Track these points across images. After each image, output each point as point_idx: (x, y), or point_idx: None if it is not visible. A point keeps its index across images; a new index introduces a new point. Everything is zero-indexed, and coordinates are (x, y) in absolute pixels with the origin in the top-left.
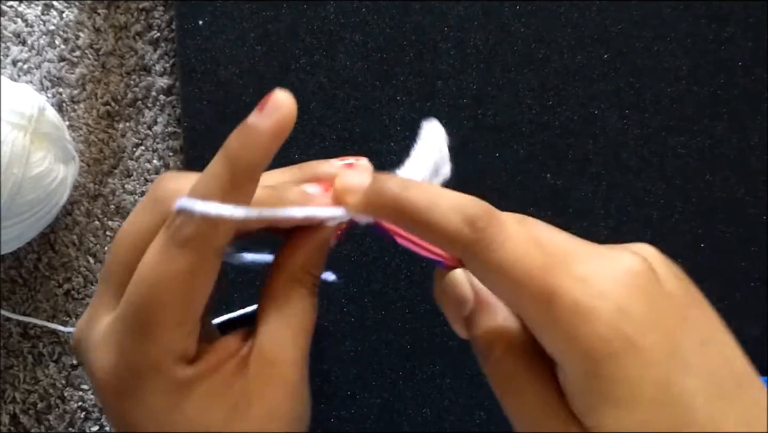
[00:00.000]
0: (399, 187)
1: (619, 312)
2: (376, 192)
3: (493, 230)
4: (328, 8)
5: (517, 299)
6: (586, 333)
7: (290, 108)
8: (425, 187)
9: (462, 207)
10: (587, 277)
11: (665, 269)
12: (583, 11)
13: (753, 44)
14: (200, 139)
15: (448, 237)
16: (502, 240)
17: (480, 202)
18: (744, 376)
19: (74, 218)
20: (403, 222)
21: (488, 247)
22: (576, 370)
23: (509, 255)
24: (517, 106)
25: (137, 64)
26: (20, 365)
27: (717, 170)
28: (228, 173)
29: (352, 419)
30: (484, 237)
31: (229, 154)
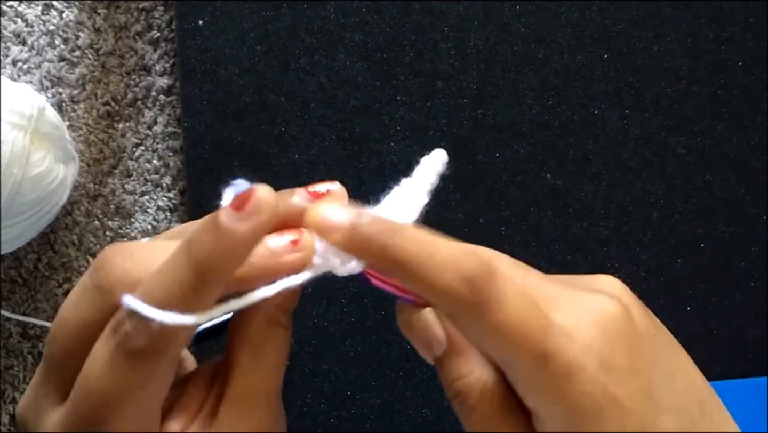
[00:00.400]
0: (388, 231)
1: (603, 367)
2: (362, 237)
3: (491, 290)
4: (328, 8)
5: (511, 359)
6: (574, 392)
7: (272, 210)
8: (416, 234)
9: (459, 263)
10: (571, 329)
11: (636, 307)
12: (583, 11)
13: (753, 44)
14: (200, 139)
15: (442, 295)
16: (500, 300)
17: (478, 257)
18: (705, 397)
19: (74, 218)
20: (391, 272)
21: (487, 309)
22: (559, 425)
23: (508, 318)
24: (517, 106)
25: (137, 64)
26: (20, 365)
27: (717, 170)
28: (193, 279)
29: (352, 419)
30: (482, 299)
31: (195, 257)
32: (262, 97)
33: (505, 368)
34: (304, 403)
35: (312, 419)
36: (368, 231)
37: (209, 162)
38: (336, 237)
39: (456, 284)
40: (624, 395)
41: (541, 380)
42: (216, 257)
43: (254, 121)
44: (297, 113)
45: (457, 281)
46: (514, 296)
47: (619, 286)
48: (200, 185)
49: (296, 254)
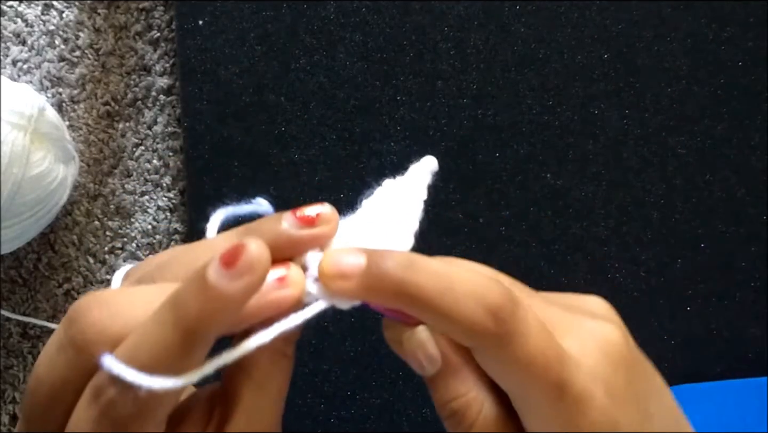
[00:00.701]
0: (402, 268)
1: (609, 396)
2: (377, 277)
3: (516, 322)
4: (328, 8)
5: (528, 388)
6: (585, 422)
7: (265, 268)
8: (434, 266)
9: (482, 295)
10: (578, 356)
11: (626, 331)
12: (583, 11)
13: (753, 44)
14: (200, 139)
15: (465, 329)
16: (524, 333)
17: (501, 287)
18: (678, 414)
19: (74, 218)
20: (410, 309)
21: (510, 341)
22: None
23: (531, 350)
24: (517, 106)
25: (137, 64)
26: (20, 365)
27: (717, 170)
28: (180, 340)
29: (352, 419)
30: (506, 331)
31: (182, 317)
32: (262, 97)
33: (517, 395)
34: (304, 403)
35: (312, 419)
36: (383, 269)
37: (209, 162)
38: (351, 285)
39: (480, 317)
40: (625, 421)
41: (555, 409)
42: (204, 317)
43: (254, 121)
44: (297, 113)
45: (480, 314)
46: (536, 327)
47: (610, 309)
48: (200, 185)
49: (284, 291)
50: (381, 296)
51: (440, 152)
